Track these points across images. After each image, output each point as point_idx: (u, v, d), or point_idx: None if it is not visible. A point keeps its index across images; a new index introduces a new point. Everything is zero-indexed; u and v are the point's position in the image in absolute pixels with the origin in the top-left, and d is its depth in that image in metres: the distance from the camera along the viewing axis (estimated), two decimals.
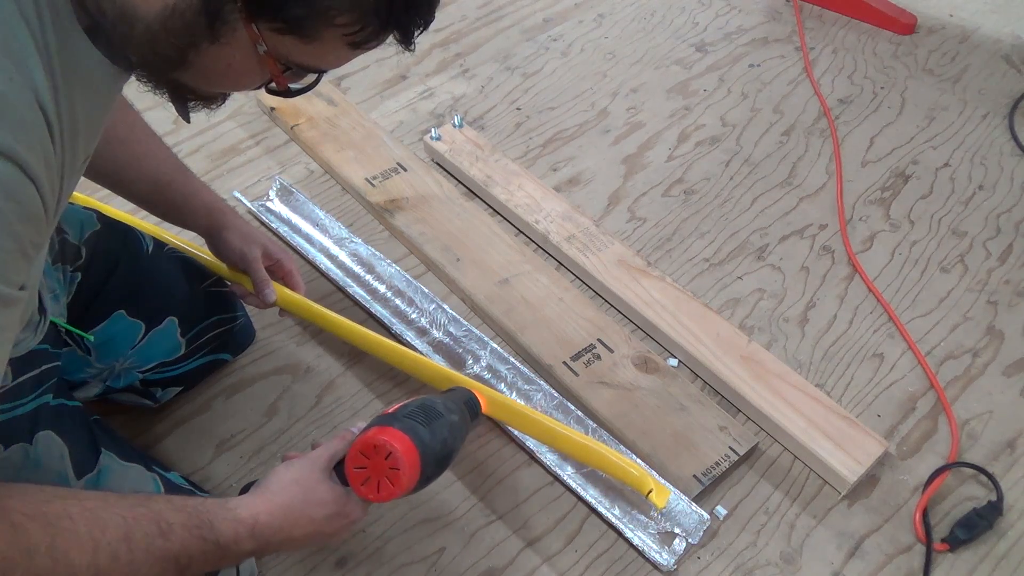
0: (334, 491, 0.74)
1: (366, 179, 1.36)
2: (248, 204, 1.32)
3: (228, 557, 0.68)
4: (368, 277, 1.21)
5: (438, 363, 1.05)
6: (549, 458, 1.00)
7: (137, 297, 0.94)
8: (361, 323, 1.17)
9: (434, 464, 0.74)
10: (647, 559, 0.93)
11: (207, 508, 0.67)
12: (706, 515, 0.93)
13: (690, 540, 0.92)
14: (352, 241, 1.24)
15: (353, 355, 1.14)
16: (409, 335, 1.13)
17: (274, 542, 0.71)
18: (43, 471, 0.75)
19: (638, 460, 0.97)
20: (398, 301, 1.17)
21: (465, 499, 0.99)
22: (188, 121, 0.77)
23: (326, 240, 1.26)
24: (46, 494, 0.59)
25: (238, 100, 1.58)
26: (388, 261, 1.21)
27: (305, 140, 1.45)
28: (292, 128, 1.47)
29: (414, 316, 1.16)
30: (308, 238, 1.27)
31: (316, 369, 1.13)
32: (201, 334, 1.02)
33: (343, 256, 1.24)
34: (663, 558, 0.91)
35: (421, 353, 1.09)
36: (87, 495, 0.61)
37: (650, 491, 0.92)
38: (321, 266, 1.22)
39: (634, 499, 0.97)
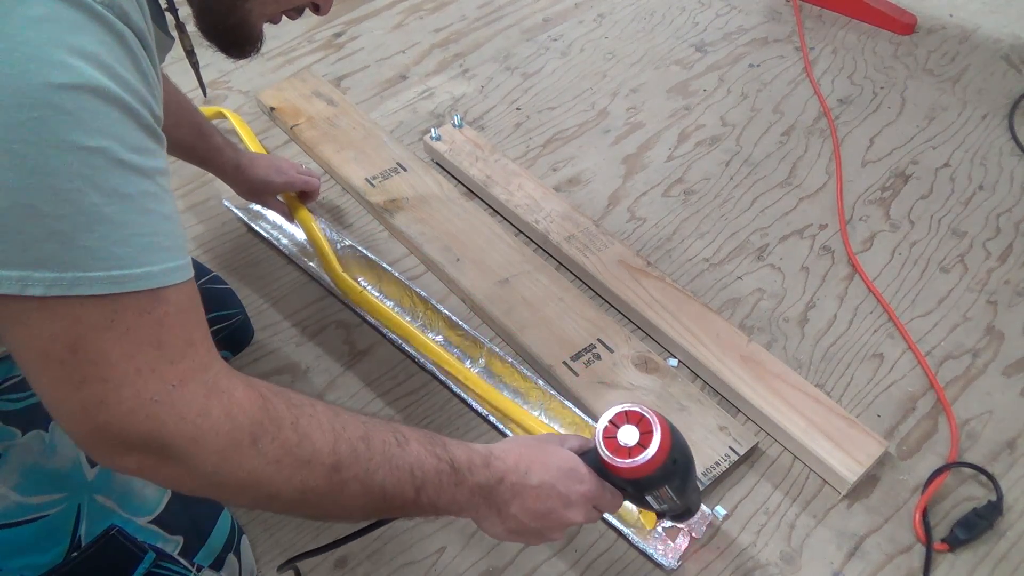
0: (572, 455, 0.73)
1: (366, 179, 1.36)
2: (237, 212, 1.31)
3: (462, 485, 0.67)
4: (369, 288, 1.21)
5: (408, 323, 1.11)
6: None
7: None
8: (359, 325, 1.18)
9: (681, 461, 0.72)
10: (648, 559, 0.93)
11: (440, 436, 0.68)
12: (708, 510, 0.93)
13: (693, 534, 0.92)
14: (343, 243, 1.24)
15: (353, 355, 1.14)
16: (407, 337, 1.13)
17: (509, 481, 0.69)
18: (58, 457, 0.75)
19: None
20: (408, 318, 1.17)
21: None
22: (205, 94, 0.85)
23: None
24: (284, 388, 0.61)
25: (238, 100, 1.58)
26: (385, 263, 1.21)
27: (305, 140, 1.45)
28: (292, 128, 1.47)
29: (408, 318, 1.16)
30: (300, 245, 1.27)
31: (316, 369, 1.13)
32: None
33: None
34: (664, 558, 0.91)
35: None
36: (316, 400, 0.62)
37: (638, 517, 0.93)
38: (313, 272, 1.22)
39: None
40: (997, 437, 1.06)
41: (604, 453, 0.70)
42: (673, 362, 1.13)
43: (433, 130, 1.43)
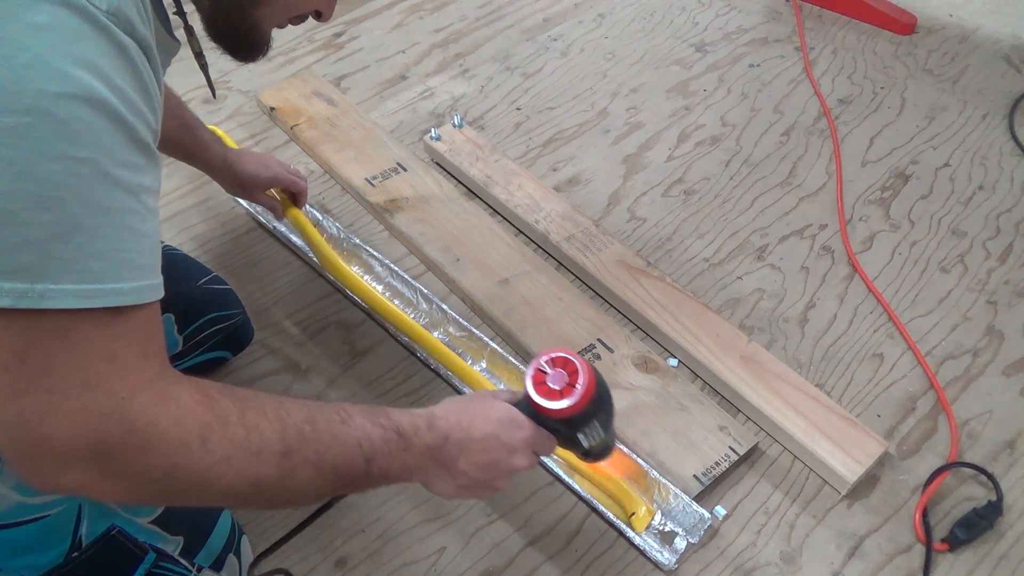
0: (508, 406, 0.76)
1: (366, 179, 1.36)
2: (245, 206, 1.32)
3: (411, 449, 0.69)
4: (367, 278, 1.22)
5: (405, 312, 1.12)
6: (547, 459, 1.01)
7: None
8: (359, 325, 1.18)
9: (606, 397, 0.76)
10: (648, 559, 0.93)
11: (384, 406, 0.70)
12: (707, 514, 0.93)
13: (690, 539, 0.92)
14: (350, 242, 1.24)
15: (353, 355, 1.14)
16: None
17: (454, 439, 0.71)
18: None
19: (626, 478, 0.98)
20: (396, 301, 1.17)
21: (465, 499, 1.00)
22: (215, 95, 0.86)
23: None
24: (229, 385, 0.61)
25: (238, 100, 1.58)
26: (387, 261, 1.21)
27: (305, 140, 1.45)
28: (292, 128, 1.47)
29: (412, 316, 1.16)
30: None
31: (316, 369, 1.13)
32: (199, 331, 1.02)
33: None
34: (664, 557, 0.91)
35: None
36: (259, 392, 0.63)
37: (633, 513, 0.93)
38: (318, 266, 1.22)
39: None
40: (997, 437, 1.06)
41: (537, 399, 0.73)
42: (673, 362, 1.13)
43: (433, 130, 1.43)
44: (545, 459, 0.99)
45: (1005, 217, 1.33)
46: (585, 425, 0.76)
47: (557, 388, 0.73)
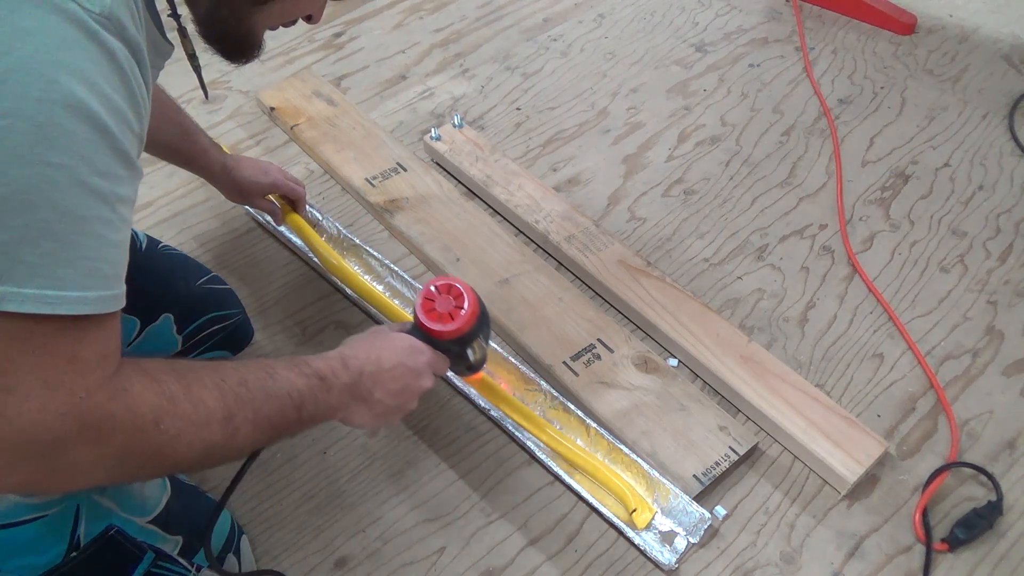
0: (406, 336, 0.83)
1: (366, 179, 1.36)
2: (246, 207, 1.32)
3: (332, 390, 0.74)
4: (366, 277, 1.21)
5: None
6: (546, 458, 1.00)
7: (131, 293, 0.95)
8: (359, 325, 1.17)
9: (486, 313, 0.86)
10: (648, 558, 0.93)
11: (298, 356, 0.74)
12: (707, 513, 0.93)
13: (691, 539, 0.92)
14: (350, 240, 1.24)
15: None
16: None
17: (367, 372, 0.77)
18: None
19: (627, 477, 0.98)
20: (397, 301, 1.17)
21: (465, 499, 0.99)
22: (207, 96, 0.87)
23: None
24: (166, 360, 0.64)
25: (238, 100, 1.58)
26: (387, 260, 1.21)
27: (305, 140, 1.45)
28: (292, 128, 1.47)
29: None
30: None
31: None
32: (198, 331, 1.02)
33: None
34: (664, 558, 0.91)
35: None
36: (192, 361, 0.66)
37: (634, 510, 0.93)
38: (318, 267, 1.22)
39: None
40: (997, 437, 1.05)
41: (431, 324, 0.82)
42: (673, 362, 1.13)
43: (433, 130, 1.43)
44: (547, 460, 0.99)
45: (1005, 217, 1.33)
46: (473, 340, 0.86)
47: (446, 312, 0.83)
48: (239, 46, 0.80)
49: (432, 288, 0.83)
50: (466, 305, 0.82)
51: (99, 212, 0.54)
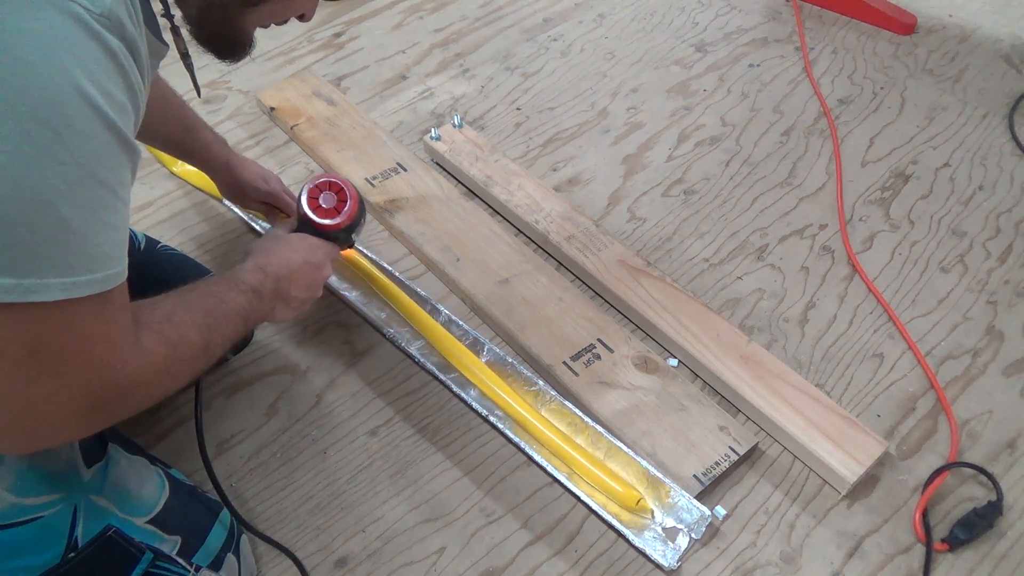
0: (303, 235, 0.94)
1: (366, 179, 1.36)
2: (237, 212, 1.31)
3: (262, 298, 0.84)
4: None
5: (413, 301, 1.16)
6: (544, 461, 1.00)
7: (130, 293, 0.95)
8: (359, 325, 1.17)
9: (362, 199, 1.00)
10: (648, 558, 0.93)
11: (230, 274, 0.84)
12: (707, 511, 0.93)
13: (693, 535, 0.92)
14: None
15: (353, 355, 1.14)
16: (407, 337, 1.13)
17: (283, 276, 0.87)
18: (54, 458, 0.75)
19: (626, 477, 0.98)
20: (392, 306, 1.17)
21: (465, 499, 0.99)
22: (199, 95, 0.98)
23: None
24: (154, 306, 0.71)
25: (238, 100, 1.58)
26: (383, 262, 1.20)
27: (305, 140, 1.45)
28: (292, 128, 1.47)
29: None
30: None
31: (316, 369, 1.13)
32: None
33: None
34: (665, 558, 0.91)
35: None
36: (167, 300, 0.73)
37: (638, 500, 0.93)
38: None
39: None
40: (997, 437, 1.05)
41: (319, 220, 0.95)
42: (673, 362, 1.12)
43: (433, 130, 1.43)
44: (545, 463, 1.00)
45: (1005, 217, 1.33)
46: (359, 227, 1.00)
47: (332, 207, 0.95)
48: (230, 46, 0.82)
49: (313, 186, 0.95)
50: (350, 196, 0.95)
51: (106, 201, 0.59)
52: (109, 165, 0.58)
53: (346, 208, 0.95)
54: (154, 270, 1.01)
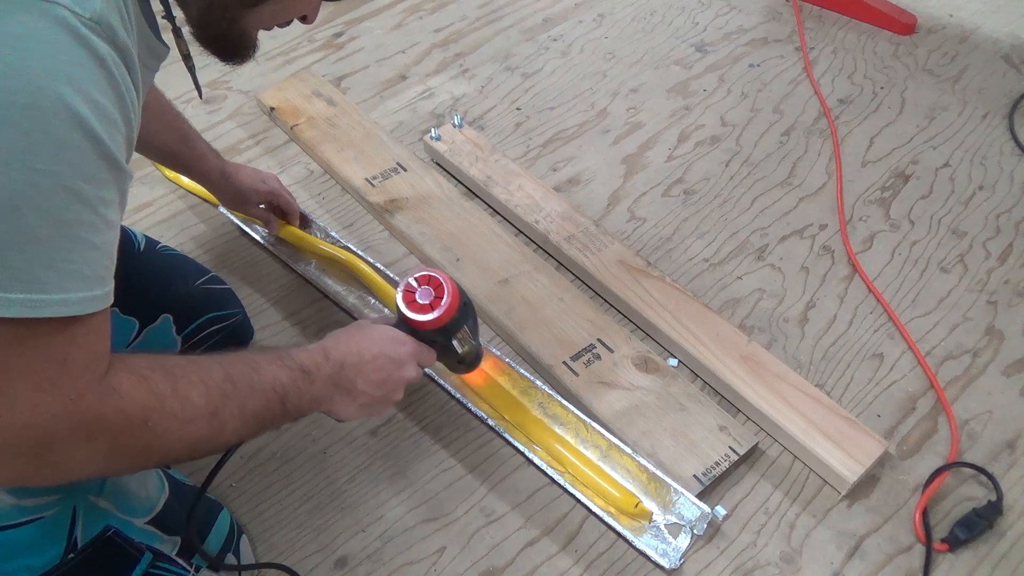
0: (388, 327, 0.83)
1: (366, 179, 1.36)
2: (232, 219, 1.30)
3: (315, 382, 0.75)
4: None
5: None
6: (542, 462, 1.00)
7: (129, 294, 0.95)
8: None
9: (469, 304, 0.87)
10: (648, 559, 0.93)
11: (281, 349, 0.75)
12: (708, 509, 0.93)
13: (695, 531, 0.92)
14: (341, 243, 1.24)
15: None
16: None
17: (349, 363, 0.78)
18: None
19: (625, 479, 0.98)
20: (389, 309, 1.17)
21: (465, 499, 0.99)
22: (201, 96, 0.93)
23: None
24: (154, 356, 0.65)
25: (238, 100, 1.58)
26: (379, 265, 1.20)
27: (305, 140, 1.45)
28: (292, 128, 1.47)
29: None
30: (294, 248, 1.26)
31: None
32: (197, 331, 1.02)
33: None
34: (666, 559, 0.91)
35: None
36: (179, 356, 0.66)
37: (637, 504, 0.93)
38: (309, 276, 1.22)
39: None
40: (997, 437, 1.05)
41: (411, 315, 0.83)
42: (673, 362, 1.12)
43: (433, 130, 1.43)
44: (546, 468, 0.99)
45: (1005, 217, 1.33)
46: (457, 331, 0.86)
47: (427, 302, 0.83)
48: (233, 47, 0.80)
49: (412, 280, 0.84)
50: (446, 295, 0.83)
51: (83, 216, 0.55)
52: (88, 178, 0.54)
53: (442, 304, 0.82)
54: (154, 270, 1.01)
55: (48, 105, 0.51)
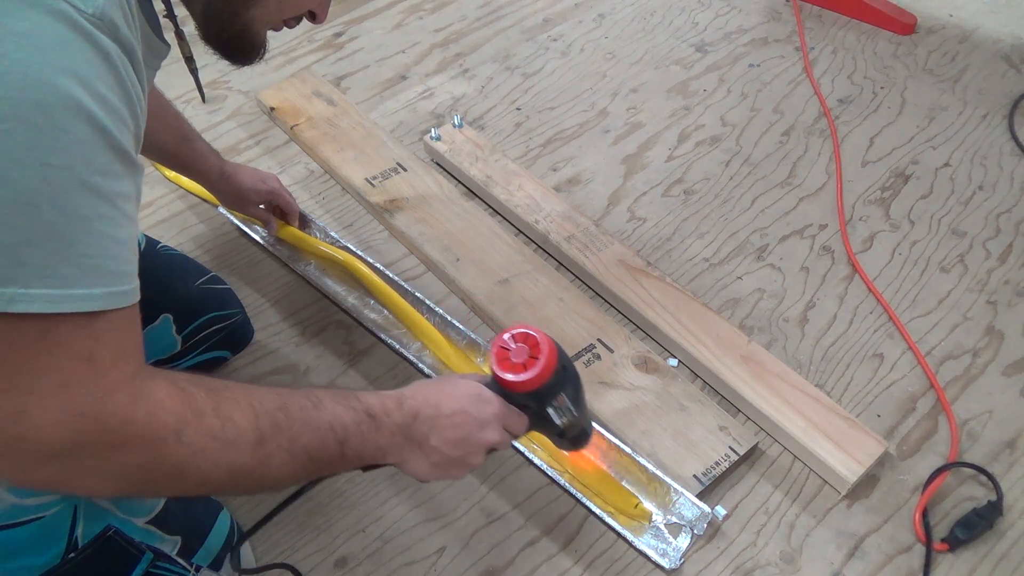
0: (475, 383, 0.76)
1: (366, 179, 1.36)
2: (232, 219, 1.30)
3: (382, 429, 0.70)
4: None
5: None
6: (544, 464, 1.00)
7: None
8: (359, 325, 1.17)
9: (571, 370, 0.77)
10: (649, 559, 0.93)
11: (353, 389, 0.71)
12: (708, 509, 0.93)
13: (695, 531, 0.92)
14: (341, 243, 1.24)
15: (353, 355, 1.14)
16: (405, 341, 1.13)
17: (424, 416, 0.72)
18: None
19: (626, 481, 0.98)
20: (388, 311, 1.17)
21: (465, 499, 0.99)
22: (204, 99, 0.92)
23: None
24: (201, 376, 0.62)
25: (238, 100, 1.58)
26: (379, 265, 1.20)
27: (305, 140, 1.45)
28: (292, 128, 1.47)
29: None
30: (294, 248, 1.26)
31: (316, 369, 1.13)
32: (197, 331, 1.02)
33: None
34: (666, 559, 0.91)
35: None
36: (231, 381, 0.64)
37: (636, 504, 0.93)
38: (309, 277, 1.22)
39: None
40: (997, 437, 1.05)
41: (502, 373, 0.74)
42: (673, 362, 1.12)
43: (433, 130, 1.43)
44: (546, 468, 0.99)
45: (1005, 217, 1.33)
46: (553, 399, 0.76)
47: (520, 362, 0.74)
48: (238, 44, 0.79)
49: (507, 336, 0.75)
50: (544, 354, 0.73)
51: (101, 210, 0.54)
52: (102, 172, 0.54)
53: (537, 365, 0.73)
54: (154, 271, 1.01)
55: (57, 100, 0.51)
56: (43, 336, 0.53)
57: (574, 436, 0.82)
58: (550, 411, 0.77)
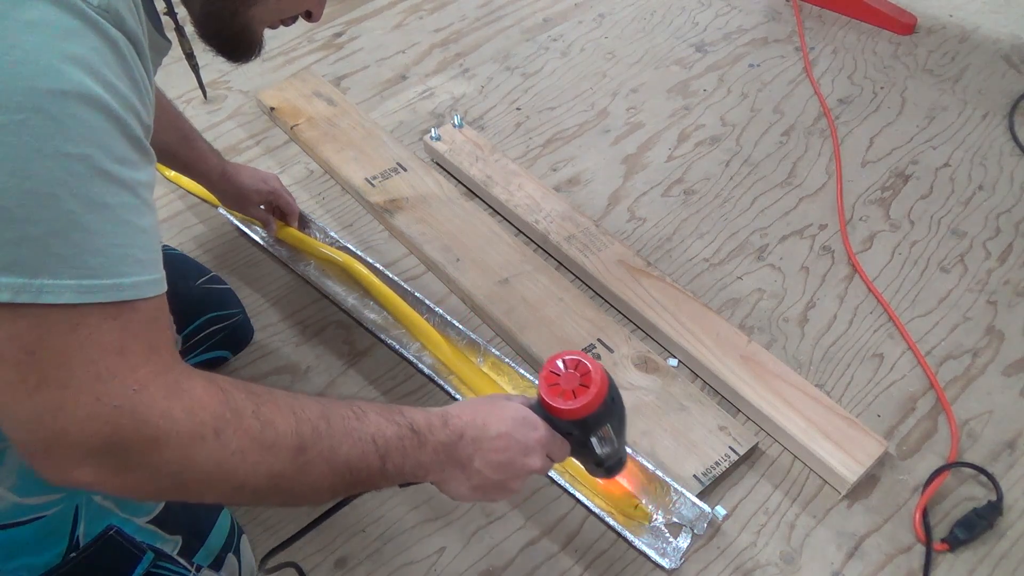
0: (522, 406, 0.75)
1: (366, 179, 1.36)
2: (231, 219, 1.30)
3: (425, 446, 0.68)
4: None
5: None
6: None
7: None
8: (359, 325, 1.17)
9: (618, 402, 0.76)
10: (649, 559, 0.93)
11: (398, 405, 0.70)
12: (708, 509, 0.93)
13: (695, 531, 0.92)
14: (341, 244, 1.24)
15: (353, 355, 1.14)
16: (405, 341, 1.13)
17: (469, 436, 0.71)
18: None
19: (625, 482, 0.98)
20: (388, 312, 1.17)
21: None
22: (205, 96, 0.85)
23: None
24: (244, 381, 0.61)
25: (238, 100, 1.58)
26: (379, 265, 1.20)
27: (305, 140, 1.45)
28: (292, 128, 1.47)
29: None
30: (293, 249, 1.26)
31: (316, 369, 1.13)
32: (198, 331, 1.02)
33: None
34: (666, 560, 0.91)
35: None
36: (274, 388, 0.63)
37: (636, 505, 0.93)
38: (309, 277, 1.22)
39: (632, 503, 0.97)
40: (997, 437, 1.05)
41: (550, 399, 0.73)
42: (673, 362, 1.12)
43: (433, 130, 1.43)
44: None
45: (1005, 217, 1.33)
46: (598, 428, 0.75)
47: (569, 389, 0.72)
48: (236, 43, 0.79)
49: (559, 362, 0.74)
50: (595, 383, 0.72)
51: (123, 198, 0.54)
52: (120, 159, 0.54)
53: (588, 393, 0.72)
54: None
55: (70, 88, 0.51)
56: (75, 328, 0.52)
57: (611, 466, 0.81)
58: (593, 440, 0.76)
